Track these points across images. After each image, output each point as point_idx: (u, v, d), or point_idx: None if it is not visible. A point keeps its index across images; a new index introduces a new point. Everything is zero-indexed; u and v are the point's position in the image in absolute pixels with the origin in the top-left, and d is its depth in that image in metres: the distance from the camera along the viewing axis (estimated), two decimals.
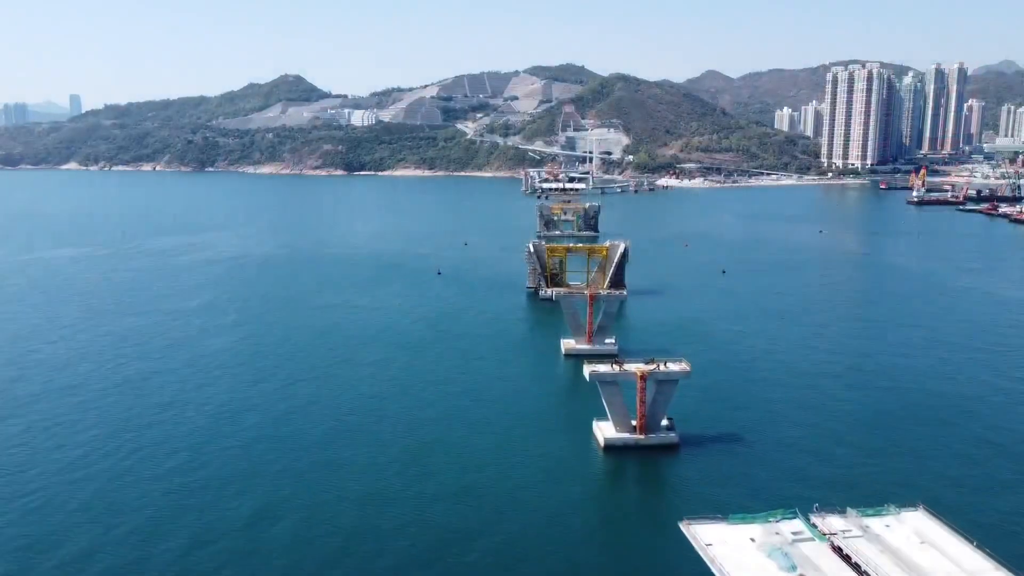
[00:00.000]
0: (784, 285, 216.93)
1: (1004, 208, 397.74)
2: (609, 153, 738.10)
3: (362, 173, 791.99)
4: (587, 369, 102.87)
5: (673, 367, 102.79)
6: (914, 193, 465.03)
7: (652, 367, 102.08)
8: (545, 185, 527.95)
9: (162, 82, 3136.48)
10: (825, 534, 62.49)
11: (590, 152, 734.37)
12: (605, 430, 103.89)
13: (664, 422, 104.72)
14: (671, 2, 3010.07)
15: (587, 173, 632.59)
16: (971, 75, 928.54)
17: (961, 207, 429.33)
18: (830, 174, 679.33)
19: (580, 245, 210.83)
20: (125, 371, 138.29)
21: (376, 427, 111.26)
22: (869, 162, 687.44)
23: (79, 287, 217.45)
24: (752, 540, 62.66)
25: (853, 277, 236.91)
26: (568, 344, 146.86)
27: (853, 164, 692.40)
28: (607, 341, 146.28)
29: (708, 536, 63.44)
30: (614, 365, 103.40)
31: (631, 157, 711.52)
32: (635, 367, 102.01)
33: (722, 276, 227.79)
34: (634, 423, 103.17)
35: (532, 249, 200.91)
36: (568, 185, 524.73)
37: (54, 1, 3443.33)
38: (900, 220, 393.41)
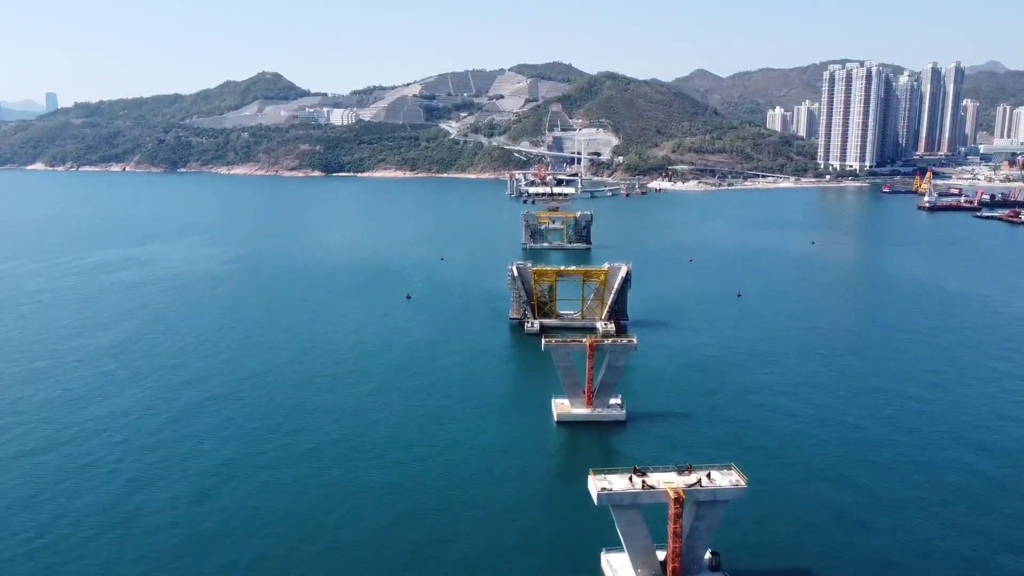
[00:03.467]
0: (812, 312, 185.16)
1: None
2: (598, 154, 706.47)
3: (340, 174, 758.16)
4: (595, 486, 69.62)
5: (720, 480, 69.99)
6: (926, 198, 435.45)
7: (691, 480, 69.64)
8: (531, 189, 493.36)
9: (140, 80, 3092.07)
10: None
11: (578, 153, 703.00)
12: (621, 572, 71.21)
13: (707, 556, 72.40)
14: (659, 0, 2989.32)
15: (575, 175, 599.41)
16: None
17: (977, 213, 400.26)
18: (828, 176, 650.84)
19: (573, 268, 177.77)
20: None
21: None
22: (867, 164, 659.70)
23: None
24: None
25: (887, 300, 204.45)
26: (562, 407, 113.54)
27: (851, 166, 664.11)
28: (612, 403, 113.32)
29: None
30: (634, 477, 70.46)
31: (621, 158, 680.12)
32: (665, 482, 69.45)
33: (737, 300, 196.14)
34: (662, 558, 70.89)
35: (516, 272, 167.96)
36: (556, 189, 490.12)
37: None
38: (916, 228, 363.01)
